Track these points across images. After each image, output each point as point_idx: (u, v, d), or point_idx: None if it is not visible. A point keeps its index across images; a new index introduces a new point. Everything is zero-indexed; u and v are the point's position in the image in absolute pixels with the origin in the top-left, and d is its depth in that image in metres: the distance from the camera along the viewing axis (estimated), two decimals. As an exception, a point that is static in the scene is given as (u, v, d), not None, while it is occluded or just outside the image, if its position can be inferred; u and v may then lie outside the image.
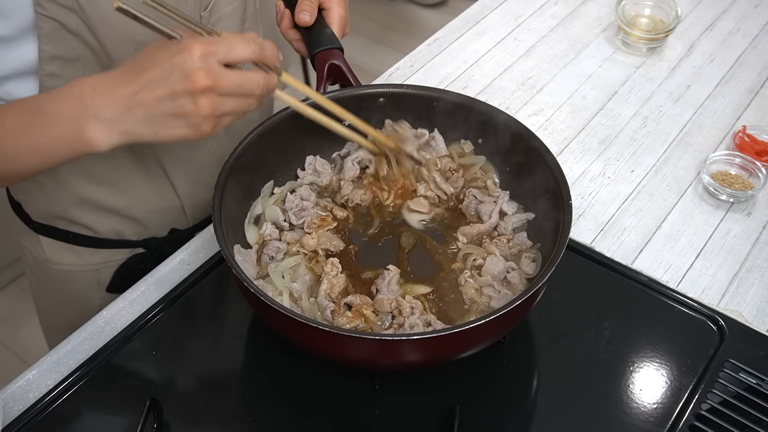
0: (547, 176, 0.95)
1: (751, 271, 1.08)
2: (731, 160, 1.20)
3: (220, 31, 0.81)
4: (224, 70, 0.76)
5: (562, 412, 0.91)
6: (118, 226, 1.13)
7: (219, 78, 0.75)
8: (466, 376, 0.93)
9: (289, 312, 0.80)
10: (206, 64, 0.74)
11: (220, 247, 0.86)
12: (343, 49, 1.08)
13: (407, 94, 1.07)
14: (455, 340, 0.82)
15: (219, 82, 0.75)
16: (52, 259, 1.15)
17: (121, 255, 1.16)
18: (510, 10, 1.54)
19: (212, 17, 1.02)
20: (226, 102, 0.77)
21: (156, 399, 0.88)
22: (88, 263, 1.15)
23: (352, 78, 1.07)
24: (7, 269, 2.34)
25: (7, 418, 0.89)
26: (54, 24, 0.88)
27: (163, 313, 1.00)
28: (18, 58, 0.90)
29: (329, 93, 1.05)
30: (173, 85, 0.74)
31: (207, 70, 0.74)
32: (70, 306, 1.19)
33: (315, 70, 1.08)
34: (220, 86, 0.75)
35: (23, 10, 0.86)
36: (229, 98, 0.77)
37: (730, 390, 0.92)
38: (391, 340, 0.82)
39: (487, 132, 1.05)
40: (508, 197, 1.04)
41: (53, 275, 1.17)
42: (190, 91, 0.74)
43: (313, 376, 0.93)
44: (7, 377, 0.96)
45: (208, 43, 0.75)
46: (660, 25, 1.44)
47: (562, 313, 1.00)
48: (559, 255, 0.85)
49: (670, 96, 1.36)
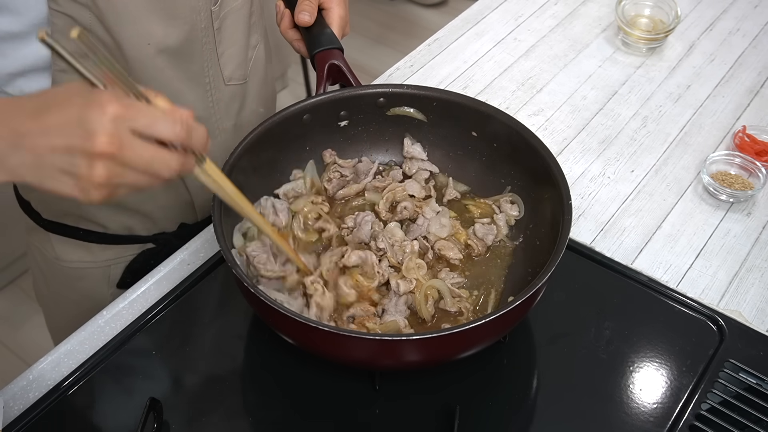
0: (547, 176, 0.95)
1: (751, 271, 1.08)
2: (731, 160, 1.20)
3: (154, 96, 0.70)
4: (134, 141, 0.66)
5: (562, 412, 0.91)
6: (129, 221, 1.13)
7: (124, 148, 0.65)
8: (466, 376, 0.93)
9: (290, 312, 0.80)
10: (116, 128, 0.64)
11: (220, 248, 0.86)
12: (343, 49, 1.08)
13: (407, 95, 1.07)
14: (455, 340, 0.82)
15: (123, 153, 0.65)
16: (63, 257, 1.15)
17: (132, 251, 1.17)
18: (510, 10, 1.54)
19: (222, 11, 1.02)
20: (125, 174, 0.67)
21: (156, 399, 0.88)
22: (98, 260, 1.15)
23: (352, 78, 1.07)
24: (7, 269, 2.34)
25: (7, 418, 0.89)
26: (67, 20, 0.88)
27: (164, 313, 1.00)
28: (31, 54, 0.91)
29: (330, 93, 1.05)
30: (72, 139, 0.65)
31: (112, 135, 0.64)
32: (80, 303, 1.19)
33: (315, 70, 1.08)
34: (122, 156, 0.65)
35: (36, 6, 0.86)
36: (130, 171, 0.67)
37: (730, 390, 0.92)
38: (391, 341, 0.82)
39: (485, 131, 1.05)
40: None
41: (63, 273, 1.17)
42: (87, 153, 0.64)
43: (314, 376, 0.94)
44: (7, 377, 0.96)
45: (128, 106, 0.66)
46: (660, 25, 1.44)
47: (562, 313, 1.00)
48: (558, 255, 0.85)
49: (670, 96, 1.36)
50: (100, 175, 0.65)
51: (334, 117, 1.07)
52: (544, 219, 0.98)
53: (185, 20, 0.97)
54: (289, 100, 1.33)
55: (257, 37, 1.15)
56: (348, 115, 1.07)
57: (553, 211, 0.94)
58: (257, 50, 1.15)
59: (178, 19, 0.96)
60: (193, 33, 0.99)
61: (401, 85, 1.08)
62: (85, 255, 1.15)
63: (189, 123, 0.69)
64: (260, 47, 1.16)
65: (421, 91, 1.07)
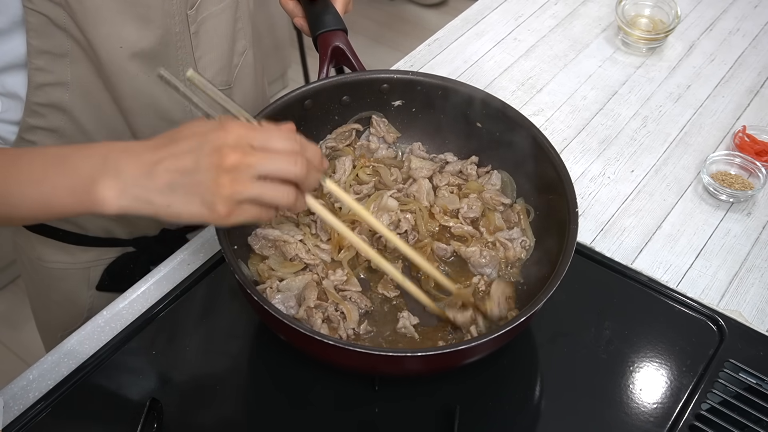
0: (554, 180, 0.95)
1: (751, 271, 1.08)
2: (731, 160, 1.20)
3: (260, 121, 0.79)
4: (256, 152, 0.73)
5: (562, 412, 0.91)
6: (108, 224, 1.13)
7: (248, 156, 0.72)
8: (466, 376, 0.93)
9: (290, 321, 0.80)
10: (239, 143, 0.72)
11: (222, 248, 0.85)
12: (347, 31, 1.05)
13: (412, 81, 1.05)
14: (457, 355, 0.82)
15: (247, 160, 0.72)
16: (44, 257, 1.15)
17: (111, 253, 1.17)
18: (510, 10, 1.54)
19: (199, 15, 1.00)
20: (249, 188, 0.72)
21: (156, 399, 0.88)
22: (78, 261, 1.15)
23: (356, 62, 1.05)
24: (7, 269, 2.35)
25: (7, 418, 0.89)
26: (42, 18, 0.88)
27: (163, 313, 1.00)
28: (10, 51, 0.90)
29: (332, 78, 1.03)
30: (200, 157, 0.72)
31: (236, 148, 0.72)
32: (62, 304, 1.20)
33: (317, 51, 1.06)
34: (246, 164, 0.72)
35: (14, 3, 0.86)
36: (253, 185, 0.73)
37: (730, 390, 0.92)
38: (393, 356, 0.80)
39: (488, 122, 1.04)
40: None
41: (45, 273, 1.17)
42: (215, 165, 0.71)
43: (313, 377, 0.93)
44: (7, 377, 0.96)
45: (247, 127, 0.74)
46: (660, 25, 1.44)
47: (562, 313, 1.00)
48: (564, 266, 0.84)
49: (670, 96, 1.36)
50: (225, 184, 0.71)
51: (336, 102, 1.05)
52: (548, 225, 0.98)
53: (158, 24, 0.95)
54: (289, 100, 1.32)
55: (245, 44, 1.13)
56: (350, 100, 1.06)
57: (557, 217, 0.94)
58: (245, 56, 1.14)
59: (151, 23, 0.95)
60: (167, 37, 0.97)
61: (405, 71, 1.06)
62: (64, 256, 1.14)
63: (301, 139, 0.76)
64: (248, 53, 1.15)
65: (426, 78, 1.05)
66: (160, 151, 0.73)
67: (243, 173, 0.72)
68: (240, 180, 0.72)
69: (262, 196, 0.73)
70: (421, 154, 1.08)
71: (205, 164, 0.71)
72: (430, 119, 1.08)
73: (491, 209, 1.03)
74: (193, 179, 0.72)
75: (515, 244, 0.99)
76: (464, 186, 1.05)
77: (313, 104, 1.03)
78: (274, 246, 0.97)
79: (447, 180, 1.05)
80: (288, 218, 0.99)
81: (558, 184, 0.94)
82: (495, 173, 1.05)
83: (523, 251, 0.99)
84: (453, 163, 1.07)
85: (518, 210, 1.02)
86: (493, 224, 1.01)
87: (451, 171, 1.06)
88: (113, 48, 0.93)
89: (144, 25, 0.94)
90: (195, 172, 0.71)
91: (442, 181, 1.05)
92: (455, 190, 1.05)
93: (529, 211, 1.02)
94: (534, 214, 1.02)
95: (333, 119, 1.07)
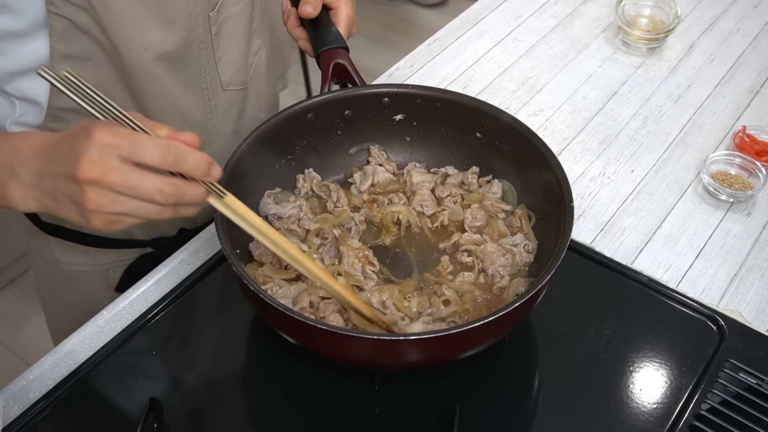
0: (549, 178, 0.95)
1: (751, 271, 1.08)
2: (731, 160, 1.20)
3: (158, 127, 0.71)
4: (119, 166, 0.67)
5: (562, 411, 0.91)
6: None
7: (107, 173, 0.66)
8: (466, 376, 0.93)
9: (289, 311, 0.80)
10: (100, 154, 0.66)
11: (222, 246, 0.85)
12: (348, 49, 1.07)
13: (411, 94, 1.06)
14: (455, 340, 0.82)
15: (107, 178, 0.66)
16: (62, 260, 1.15)
17: (130, 255, 1.17)
18: (510, 10, 1.54)
19: (220, 16, 1.02)
20: (121, 201, 0.68)
21: (156, 399, 0.88)
22: (97, 263, 1.15)
23: (357, 78, 1.06)
24: (7, 269, 2.35)
25: (7, 418, 0.89)
26: (65, 22, 0.88)
27: (164, 313, 1.00)
28: (30, 53, 0.90)
29: (334, 92, 1.05)
30: (65, 167, 0.67)
31: (94, 162, 0.66)
32: (79, 306, 1.19)
33: (320, 69, 1.07)
34: (107, 182, 0.66)
35: (35, 5, 0.86)
36: (126, 198, 0.68)
37: (730, 390, 0.92)
38: (391, 340, 0.82)
39: (487, 132, 1.05)
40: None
41: (63, 276, 1.17)
42: (75, 179, 0.67)
43: (314, 376, 0.93)
44: (7, 377, 0.96)
45: (116, 134, 0.67)
46: (660, 25, 1.44)
47: (562, 313, 1.00)
48: (559, 257, 0.85)
49: (670, 96, 1.36)
50: (90, 200, 0.67)
51: (339, 116, 1.07)
52: (544, 219, 0.98)
53: (182, 26, 0.96)
54: (290, 100, 1.32)
55: (259, 43, 1.14)
56: (352, 114, 1.07)
57: (554, 212, 0.94)
58: (259, 56, 1.15)
59: (176, 25, 0.95)
60: (191, 38, 0.98)
61: (406, 85, 1.08)
62: (83, 258, 1.15)
63: (179, 149, 0.69)
64: (262, 53, 1.15)
65: (426, 91, 1.06)
66: (49, 153, 0.70)
67: (106, 189, 0.67)
68: (106, 195, 0.67)
69: (133, 212, 0.69)
70: (421, 170, 1.09)
71: (71, 175, 0.67)
72: (431, 132, 1.09)
73: (494, 217, 1.03)
74: (66, 188, 0.68)
75: (520, 249, 0.99)
76: (466, 197, 1.06)
77: (315, 117, 1.04)
78: (273, 254, 0.97)
79: (449, 191, 1.05)
80: (291, 231, 1.00)
81: (554, 183, 0.94)
82: (495, 182, 1.06)
83: (527, 255, 0.99)
84: (454, 176, 1.08)
85: (519, 215, 1.02)
86: (497, 231, 1.02)
87: (452, 183, 1.07)
88: (138, 51, 0.93)
89: (168, 28, 0.95)
90: (65, 180, 0.68)
91: (445, 192, 1.05)
92: (459, 200, 1.05)
93: (530, 216, 1.02)
94: (535, 218, 1.02)
95: (336, 134, 1.08)
